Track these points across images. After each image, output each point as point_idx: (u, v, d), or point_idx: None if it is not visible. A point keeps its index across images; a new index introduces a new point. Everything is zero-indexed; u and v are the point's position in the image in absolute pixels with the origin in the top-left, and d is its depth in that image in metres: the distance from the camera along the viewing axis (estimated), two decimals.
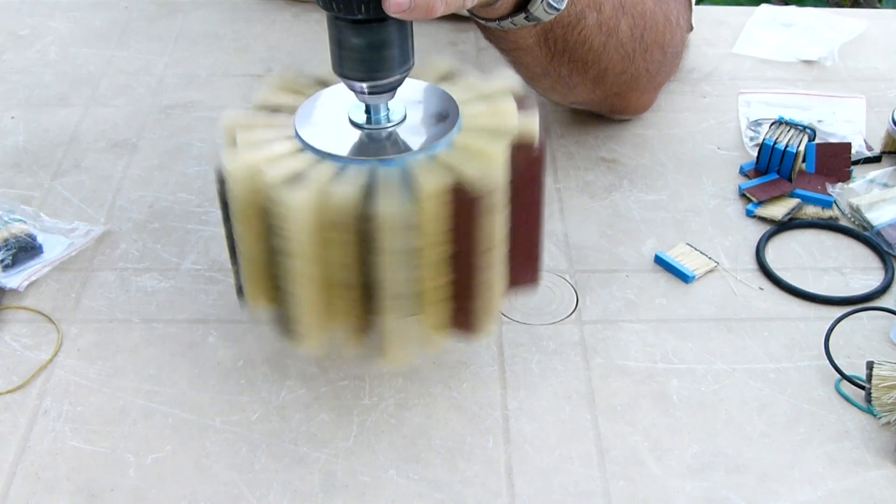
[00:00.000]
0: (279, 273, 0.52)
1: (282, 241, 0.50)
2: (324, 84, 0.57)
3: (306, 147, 0.52)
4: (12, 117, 0.83)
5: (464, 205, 0.49)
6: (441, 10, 0.48)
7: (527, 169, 0.52)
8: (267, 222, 0.50)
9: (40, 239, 0.68)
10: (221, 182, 0.52)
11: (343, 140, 0.52)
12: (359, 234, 0.49)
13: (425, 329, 0.53)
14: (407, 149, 0.51)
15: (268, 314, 0.56)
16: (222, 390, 0.59)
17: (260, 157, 0.51)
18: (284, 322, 0.54)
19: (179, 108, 0.85)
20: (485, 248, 0.51)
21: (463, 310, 0.53)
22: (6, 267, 0.66)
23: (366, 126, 0.53)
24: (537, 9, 0.59)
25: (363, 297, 0.52)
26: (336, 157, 0.51)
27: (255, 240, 0.52)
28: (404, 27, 0.50)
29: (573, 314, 0.64)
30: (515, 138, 0.52)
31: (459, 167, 0.49)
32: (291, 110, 0.54)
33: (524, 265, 0.56)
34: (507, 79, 0.56)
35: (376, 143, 0.52)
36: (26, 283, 0.65)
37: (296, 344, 0.54)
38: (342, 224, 0.49)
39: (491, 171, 0.49)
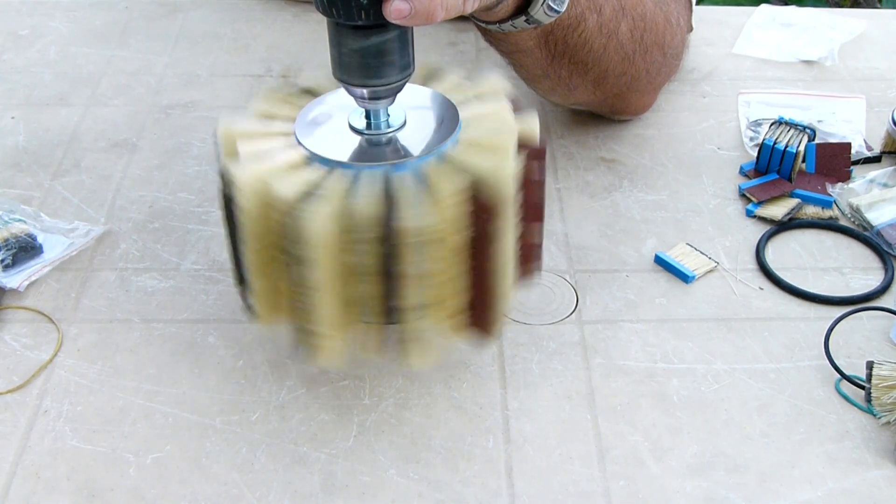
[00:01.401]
0: (297, 286, 0.51)
1: (301, 255, 0.49)
2: (313, 93, 0.56)
3: (313, 156, 0.51)
4: (12, 117, 0.83)
5: (480, 205, 0.49)
6: (441, 16, 0.48)
7: (529, 170, 0.52)
8: (281, 236, 0.50)
9: (40, 239, 0.68)
10: (228, 198, 0.51)
11: (346, 146, 0.52)
12: (380, 243, 0.49)
13: (444, 331, 0.53)
14: (413, 153, 0.51)
15: (281, 329, 0.56)
16: (222, 390, 0.59)
17: (269, 169, 0.50)
18: (303, 335, 0.53)
19: (179, 108, 0.85)
20: (499, 249, 0.51)
21: (479, 311, 0.53)
22: (6, 267, 0.66)
23: (366, 132, 0.53)
24: (538, 11, 0.59)
25: (384, 305, 0.52)
26: (346, 165, 0.51)
27: (268, 255, 0.51)
28: (405, 33, 0.50)
29: (573, 314, 0.64)
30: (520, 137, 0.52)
31: (473, 166, 0.50)
32: (288, 118, 0.54)
33: (525, 262, 0.56)
34: (497, 79, 0.56)
35: (380, 149, 0.52)
36: (26, 282, 0.65)
37: (316, 357, 0.54)
38: (363, 235, 0.49)
39: (504, 169, 0.49)
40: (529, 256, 0.57)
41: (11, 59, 0.92)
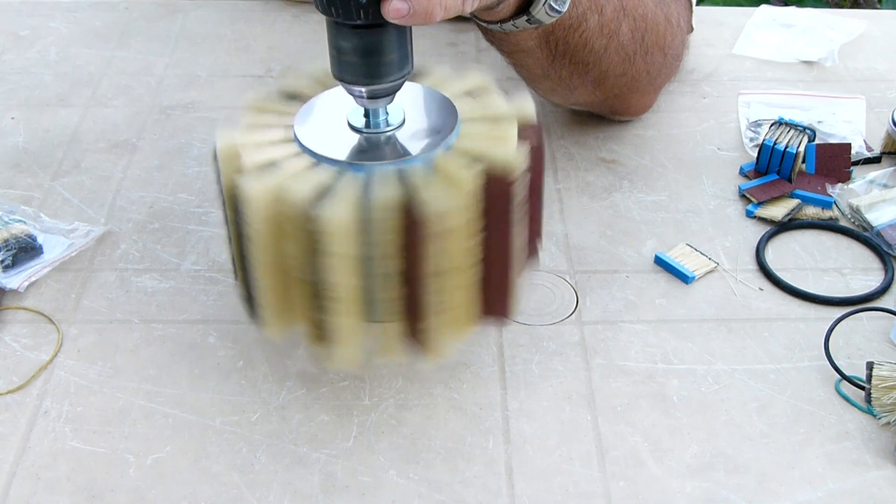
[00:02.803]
0: (315, 293, 0.51)
1: (318, 257, 0.49)
2: (298, 97, 0.56)
3: (321, 159, 0.51)
4: (12, 118, 0.83)
5: (494, 191, 0.49)
6: (440, 16, 0.48)
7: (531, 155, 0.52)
8: (298, 241, 0.50)
9: (40, 239, 0.68)
10: (234, 208, 0.51)
11: (350, 146, 0.52)
12: (402, 234, 0.49)
13: (460, 324, 0.53)
14: (419, 148, 0.51)
15: (296, 333, 0.56)
16: (222, 390, 0.59)
17: (280, 177, 0.50)
18: (320, 341, 0.53)
19: (179, 108, 0.85)
20: (513, 234, 0.52)
21: (494, 296, 0.53)
22: (6, 267, 0.66)
23: (366, 130, 0.53)
24: (539, 11, 0.59)
25: (404, 301, 0.52)
26: (357, 165, 0.51)
27: (281, 264, 0.51)
28: (403, 32, 0.50)
29: (573, 315, 0.64)
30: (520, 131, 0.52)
31: (484, 154, 0.50)
32: (284, 126, 0.54)
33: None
34: (480, 74, 0.57)
35: (383, 146, 0.52)
36: (26, 283, 0.65)
37: (331, 359, 0.54)
38: (384, 228, 0.49)
39: (513, 154, 0.50)
40: (533, 243, 0.57)
41: (12, 60, 0.92)
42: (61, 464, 0.54)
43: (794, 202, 0.72)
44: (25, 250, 0.66)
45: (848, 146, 0.75)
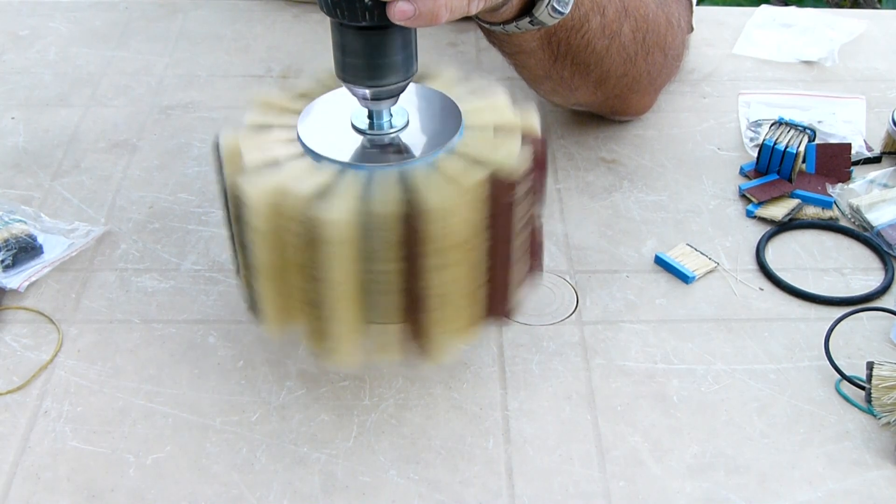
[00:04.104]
0: (314, 290, 0.51)
1: (318, 257, 0.49)
2: (307, 97, 0.56)
3: (323, 160, 0.51)
4: (12, 118, 0.83)
5: (496, 195, 0.49)
6: (446, 18, 0.48)
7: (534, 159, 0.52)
8: (298, 238, 0.50)
9: (40, 239, 0.68)
10: (236, 206, 0.51)
11: (352, 148, 0.52)
12: (401, 236, 0.49)
13: (461, 326, 0.53)
14: (421, 151, 0.51)
15: (295, 331, 0.56)
16: (222, 390, 0.59)
17: (281, 177, 0.50)
18: (318, 339, 0.53)
19: (179, 108, 0.85)
20: (514, 236, 0.52)
21: (495, 298, 0.53)
22: (6, 267, 0.66)
23: (370, 132, 0.53)
24: (542, 13, 0.59)
25: (404, 302, 0.51)
26: (358, 165, 0.51)
27: (281, 260, 0.51)
28: (408, 34, 0.50)
29: (573, 315, 0.64)
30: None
31: (486, 158, 0.50)
32: (287, 125, 0.54)
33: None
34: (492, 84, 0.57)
35: (386, 148, 0.52)
36: (27, 283, 0.65)
37: (331, 359, 0.54)
38: (384, 227, 0.49)
39: (515, 158, 0.50)
40: (535, 247, 0.57)
41: (11, 60, 0.92)
42: (61, 464, 0.54)
43: (795, 202, 0.72)
44: (25, 250, 0.66)
45: (848, 146, 0.75)
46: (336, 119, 0.54)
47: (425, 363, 0.55)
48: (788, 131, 0.75)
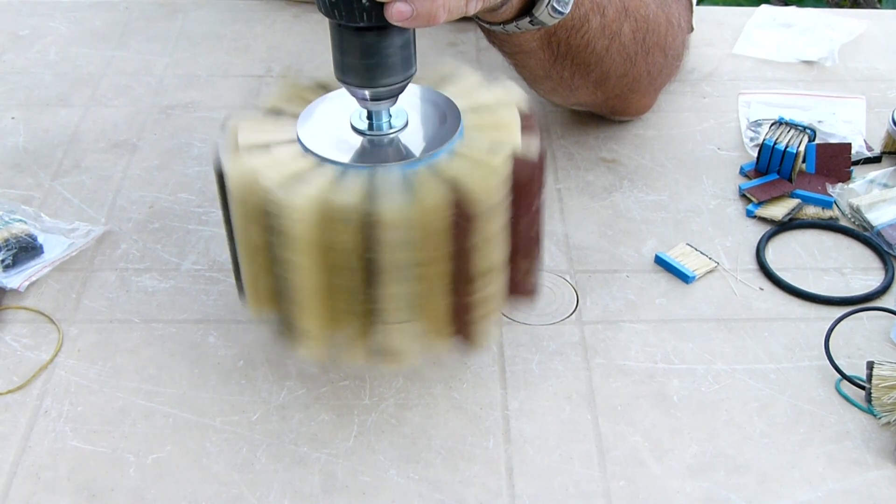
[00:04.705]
0: (279, 277, 0.51)
1: (282, 244, 0.50)
2: (325, 88, 0.57)
3: (308, 153, 0.52)
4: (12, 117, 0.83)
5: (463, 217, 0.49)
6: (443, 18, 0.48)
7: (526, 179, 0.52)
8: (266, 225, 0.50)
9: (41, 239, 0.68)
10: (221, 184, 0.52)
11: (345, 146, 0.52)
12: (361, 237, 0.49)
13: (425, 335, 0.53)
14: (408, 155, 0.51)
15: (269, 317, 0.56)
16: (222, 390, 0.59)
17: (260, 161, 0.50)
18: (286, 326, 0.54)
19: (179, 108, 0.85)
20: (483, 260, 0.51)
21: (461, 319, 0.53)
22: (7, 267, 0.66)
23: (367, 132, 0.53)
24: (542, 13, 0.59)
25: (366, 302, 0.52)
26: (336, 162, 0.51)
27: (252, 244, 0.52)
28: (406, 34, 0.50)
29: (573, 314, 0.64)
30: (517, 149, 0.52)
31: (460, 178, 0.50)
32: (295, 115, 0.54)
33: (523, 275, 0.56)
34: (508, 90, 0.56)
35: (376, 149, 0.52)
36: (27, 283, 0.65)
37: (297, 348, 0.54)
38: (344, 227, 0.49)
39: (489, 183, 0.49)
40: (527, 272, 0.56)
41: (11, 60, 0.92)
42: (61, 463, 0.54)
43: (795, 202, 0.72)
44: (26, 250, 0.66)
45: (848, 146, 0.75)
46: (340, 117, 0.54)
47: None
48: (788, 131, 0.76)
